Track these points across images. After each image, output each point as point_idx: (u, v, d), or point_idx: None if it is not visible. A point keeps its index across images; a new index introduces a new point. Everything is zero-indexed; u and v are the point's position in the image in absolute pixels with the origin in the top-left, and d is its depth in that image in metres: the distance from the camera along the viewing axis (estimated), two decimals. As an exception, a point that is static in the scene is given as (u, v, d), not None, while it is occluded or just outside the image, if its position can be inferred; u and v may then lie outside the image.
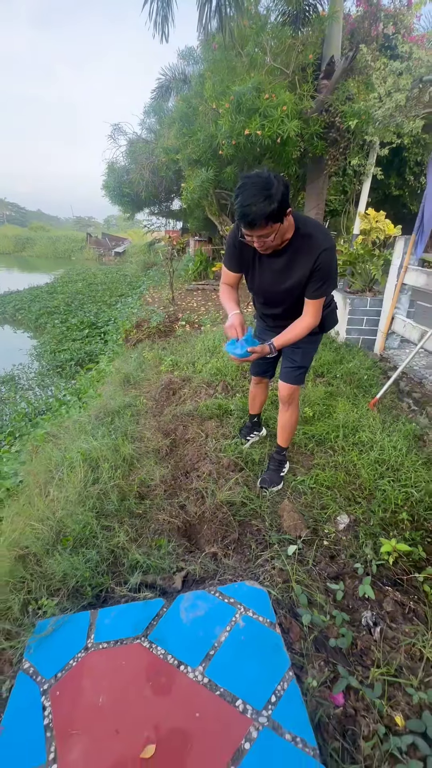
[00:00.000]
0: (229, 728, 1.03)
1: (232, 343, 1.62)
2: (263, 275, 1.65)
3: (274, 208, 1.26)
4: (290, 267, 1.54)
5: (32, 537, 1.72)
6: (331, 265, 1.50)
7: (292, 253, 1.51)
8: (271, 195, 1.24)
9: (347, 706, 1.15)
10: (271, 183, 1.25)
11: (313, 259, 1.47)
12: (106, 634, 1.31)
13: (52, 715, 1.09)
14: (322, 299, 1.59)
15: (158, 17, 5.68)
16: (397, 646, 1.32)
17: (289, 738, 1.01)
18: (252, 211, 1.26)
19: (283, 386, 1.94)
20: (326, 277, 1.51)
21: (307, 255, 1.48)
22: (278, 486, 2.09)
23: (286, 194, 1.29)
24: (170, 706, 1.09)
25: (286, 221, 1.37)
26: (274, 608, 1.40)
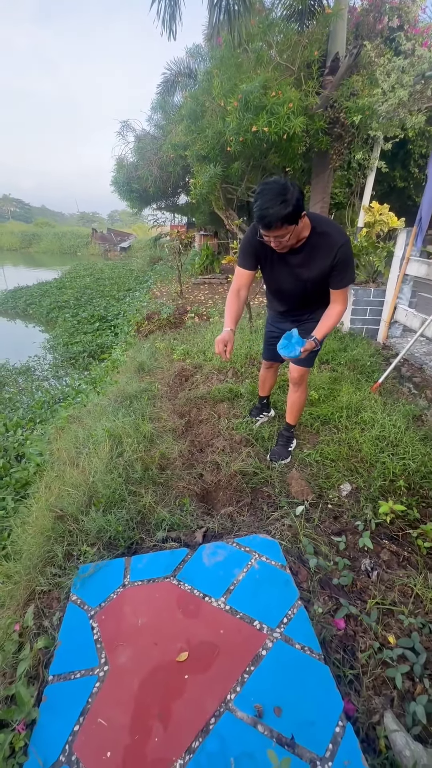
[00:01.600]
0: (248, 641, 1.24)
1: (284, 347, 1.76)
2: (281, 271, 1.78)
3: (289, 212, 1.41)
4: (308, 263, 1.68)
5: (68, 500, 1.94)
6: (350, 257, 1.65)
7: (310, 251, 1.65)
8: (286, 200, 1.40)
9: (348, 629, 1.35)
10: (287, 189, 1.40)
11: (332, 256, 1.62)
12: (140, 574, 1.53)
13: (100, 632, 1.31)
14: (347, 288, 1.75)
15: (166, 15, 5.81)
16: (392, 586, 1.52)
17: (299, 647, 1.22)
18: (269, 214, 1.41)
19: (294, 368, 2.09)
20: (347, 268, 1.66)
21: (325, 251, 1.63)
22: (286, 459, 2.29)
23: (301, 199, 1.45)
24: (198, 625, 1.31)
25: (300, 223, 1.51)
26: (284, 555, 1.61)
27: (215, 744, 0.99)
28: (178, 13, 5.71)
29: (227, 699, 1.09)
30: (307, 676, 1.14)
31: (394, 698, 1.16)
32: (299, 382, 2.15)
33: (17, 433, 3.82)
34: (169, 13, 5.71)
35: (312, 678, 1.13)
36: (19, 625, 1.43)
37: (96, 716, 1.07)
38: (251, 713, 1.05)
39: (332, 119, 4.58)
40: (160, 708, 1.08)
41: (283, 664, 1.17)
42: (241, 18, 3.94)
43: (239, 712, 1.06)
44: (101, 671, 1.19)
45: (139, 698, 1.11)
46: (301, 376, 2.11)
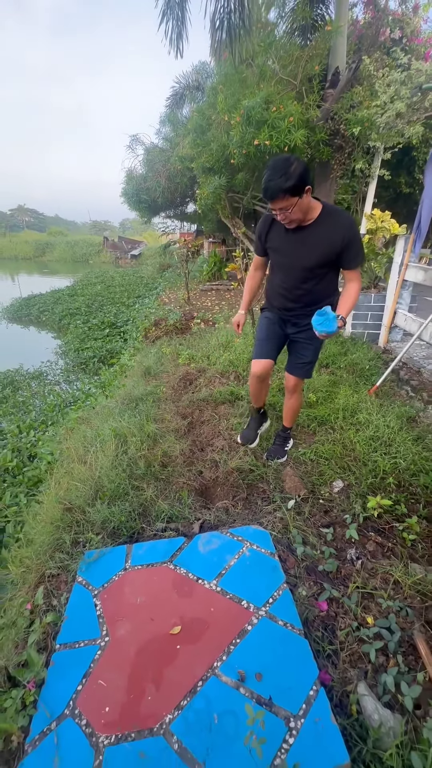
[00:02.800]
0: (236, 617, 1.36)
1: (321, 323, 1.68)
2: (292, 245, 1.81)
3: (291, 184, 1.50)
4: (318, 241, 1.73)
5: (76, 493, 2.09)
6: (359, 238, 1.73)
7: (320, 229, 1.72)
8: (288, 173, 1.50)
9: (330, 611, 1.46)
10: (290, 163, 1.51)
11: (342, 235, 1.68)
12: (140, 560, 1.66)
13: (102, 609, 1.45)
14: (359, 268, 1.82)
15: (173, 34, 6.06)
16: (375, 574, 1.62)
17: (282, 623, 1.34)
18: (271, 186, 1.53)
19: (290, 378, 2.15)
20: (359, 246, 1.74)
21: (335, 230, 1.69)
22: (283, 458, 2.39)
23: (304, 174, 1.53)
24: (191, 604, 1.43)
25: (305, 197, 1.58)
26: (274, 545, 1.72)
27: (201, 703, 1.12)
28: (184, 33, 5.96)
29: (214, 666, 1.21)
30: (288, 648, 1.25)
31: (368, 671, 1.26)
32: (294, 390, 2.22)
33: (30, 435, 4.01)
34: (177, 33, 5.96)
35: (292, 650, 1.25)
36: (30, 603, 1.57)
37: (97, 678, 1.21)
38: (235, 678, 1.17)
39: (333, 131, 4.72)
40: (154, 673, 1.21)
41: (266, 638, 1.29)
42: (241, 39, 4.13)
43: (224, 676, 1.18)
44: (102, 642, 1.33)
45: (135, 664, 1.24)
46: (295, 384, 2.18)
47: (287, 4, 5.43)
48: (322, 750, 0.99)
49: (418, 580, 1.55)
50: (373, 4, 7.17)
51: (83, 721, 1.10)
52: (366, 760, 1.04)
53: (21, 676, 1.20)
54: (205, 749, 1.01)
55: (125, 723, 1.09)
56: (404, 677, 1.21)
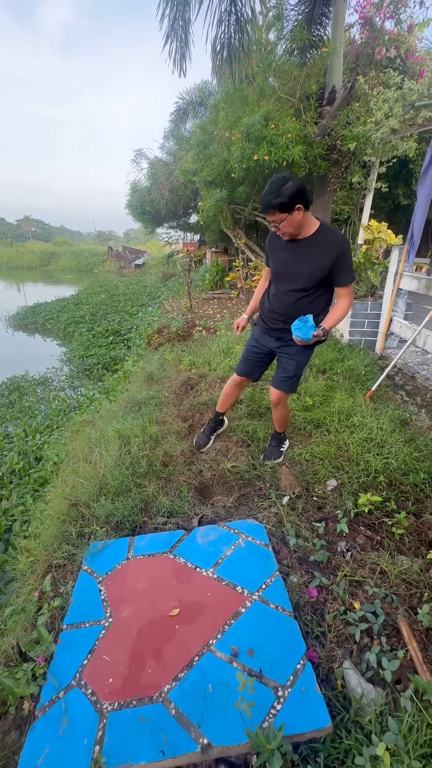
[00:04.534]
0: (231, 601, 1.46)
1: (299, 328, 1.84)
2: (286, 256, 1.94)
3: (280, 201, 1.66)
4: (312, 254, 1.86)
5: (81, 490, 2.20)
6: (350, 257, 1.85)
7: (315, 244, 1.84)
8: (280, 192, 1.65)
9: (319, 597, 1.55)
10: (284, 183, 1.66)
11: (335, 253, 1.80)
12: (142, 550, 1.76)
13: (106, 594, 1.55)
14: (351, 285, 1.92)
15: (177, 55, 6.32)
16: (363, 565, 1.71)
17: (273, 606, 1.43)
18: (264, 200, 1.71)
19: (274, 392, 2.20)
20: (348, 265, 1.86)
21: (328, 247, 1.81)
22: (278, 459, 2.48)
23: (296, 194, 1.66)
24: (189, 589, 1.53)
25: (295, 214, 1.71)
26: (269, 537, 1.82)
27: (197, 675, 1.21)
28: (188, 54, 6.22)
29: (209, 643, 1.31)
30: (278, 627, 1.35)
31: (353, 650, 1.35)
32: (277, 404, 2.27)
33: (36, 438, 4.14)
34: (180, 54, 6.22)
35: (282, 629, 1.34)
36: (38, 591, 1.68)
37: (101, 654, 1.31)
38: (228, 653, 1.27)
39: (330, 146, 4.91)
40: (154, 649, 1.31)
41: (259, 619, 1.39)
42: (241, 61, 4.35)
43: (218, 652, 1.28)
44: (106, 622, 1.43)
45: (136, 642, 1.34)
46: (278, 399, 2.22)
47: (286, 27, 5.67)
48: (307, 715, 1.09)
49: (404, 570, 1.65)
50: (369, 25, 7.45)
51: (89, 691, 1.20)
52: (348, 727, 1.13)
53: (32, 649, 1.30)
54: (200, 714, 1.11)
55: (127, 692, 1.18)
56: (386, 655, 1.30)
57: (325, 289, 1.98)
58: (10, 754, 1.12)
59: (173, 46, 6.18)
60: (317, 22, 6.10)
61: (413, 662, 1.29)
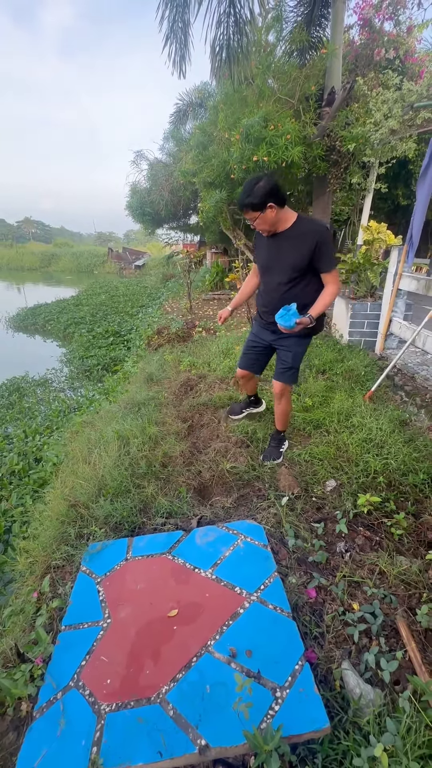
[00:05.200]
0: (229, 602, 1.46)
1: (282, 316, 1.94)
2: (269, 250, 2.04)
3: (251, 201, 1.79)
4: (291, 246, 1.94)
5: (80, 491, 2.20)
6: (329, 242, 1.92)
7: (293, 236, 1.92)
8: (252, 192, 1.78)
9: (318, 597, 1.55)
10: (255, 185, 1.78)
11: (313, 241, 1.87)
12: (140, 551, 1.76)
13: (105, 595, 1.55)
14: (336, 270, 1.97)
15: (176, 57, 6.34)
16: (362, 565, 1.71)
17: (272, 607, 1.43)
18: (239, 201, 1.87)
19: (276, 384, 2.27)
20: (329, 250, 1.92)
21: (307, 237, 1.89)
22: (278, 460, 2.47)
23: (268, 193, 1.77)
24: (188, 590, 1.53)
25: (268, 212, 1.82)
26: (267, 538, 1.82)
27: (195, 676, 1.21)
28: (187, 55, 6.24)
29: (208, 644, 1.31)
30: (277, 628, 1.35)
31: (351, 651, 1.35)
32: (280, 396, 2.32)
33: (36, 439, 4.14)
34: (180, 55, 6.24)
35: (280, 630, 1.34)
36: (37, 592, 1.68)
37: (99, 655, 1.30)
38: (227, 654, 1.27)
39: (329, 147, 4.92)
40: (152, 650, 1.31)
41: (257, 620, 1.38)
42: (240, 63, 4.36)
43: (217, 653, 1.28)
44: (105, 623, 1.42)
45: (135, 643, 1.34)
46: (281, 391, 2.28)
47: (285, 28, 5.68)
48: (305, 715, 1.08)
49: (403, 571, 1.64)
50: (368, 26, 7.47)
51: (87, 692, 1.20)
52: (346, 728, 1.12)
53: (30, 650, 1.30)
54: (197, 715, 1.11)
55: (125, 693, 1.18)
56: (385, 656, 1.30)
57: (311, 278, 2.02)
58: (8, 755, 1.12)
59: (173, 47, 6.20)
60: (316, 24, 6.11)
61: (412, 663, 1.29)
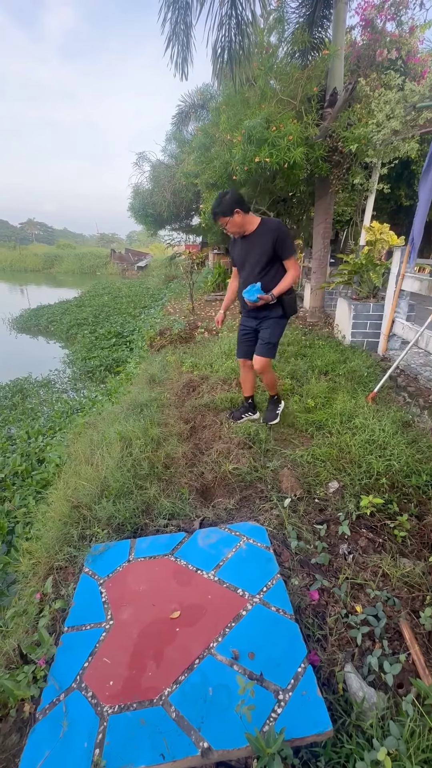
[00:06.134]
0: (231, 604, 1.46)
1: (247, 291, 2.43)
2: (243, 250, 2.51)
3: (219, 209, 2.31)
4: (258, 242, 2.42)
5: (83, 492, 2.21)
6: (286, 234, 2.39)
7: (259, 235, 2.41)
8: (221, 203, 2.30)
9: (321, 600, 1.55)
10: (221, 198, 2.31)
11: (273, 235, 2.36)
12: (143, 552, 1.76)
13: (107, 596, 1.55)
14: (293, 257, 2.46)
15: (178, 59, 6.35)
16: (365, 567, 1.70)
17: (274, 609, 1.43)
18: (211, 211, 2.40)
19: (256, 359, 2.62)
20: (285, 241, 2.39)
21: (268, 233, 2.38)
22: (275, 420, 2.84)
23: (233, 203, 2.28)
24: (190, 591, 1.53)
25: (235, 216, 2.30)
26: (270, 539, 1.82)
27: (198, 678, 1.21)
28: (189, 57, 6.25)
29: (210, 646, 1.31)
30: (279, 630, 1.34)
31: (354, 653, 1.34)
32: (262, 371, 2.64)
33: (38, 440, 4.16)
34: (182, 57, 6.25)
35: (283, 632, 1.34)
36: (40, 593, 1.68)
37: (102, 656, 1.30)
38: (229, 656, 1.27)
39: (331, 148, 4.91)
40: (155, 652, 1.30)
41: (260, 622, 1.38)
42: (242, 65, 4.36)
43: (219, 655, 1.27)
44: (107, 624, 1.43)
45: (137, 644, 1.34)
46: (261, 366, 2.61)
47: (287, 29, 5.68)
48: (308, 719, 1.08)
49: (407, 573, 1.64)
50: (370, 27, 7.47)
51: (89, 693, 1.20)
52: (349, 731, 1.12)
53: (33, 651, 1.31)
54: (200, 717, 1.10)
55: (127, 695, 1.18)
56: (388, 659, 1.29)
57: (279, 268, 2.49)
58: (11, 756, 1.12)
59: (175, 49, 6.21)
60: (318, 25, 6.10)
61: (415, 666, 1.28)
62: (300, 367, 3.98)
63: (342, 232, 10.22)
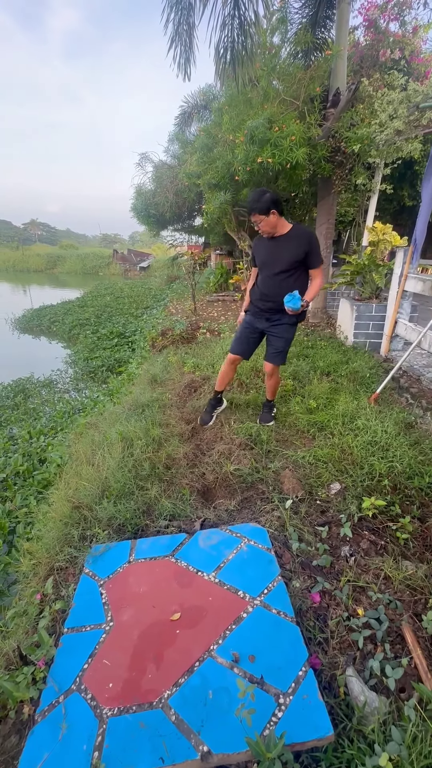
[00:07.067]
0: (232, 606, 1.45)
1: (289, 300, 2.40)
2: (271, 251, 2.52)
3: (258, 206, 2.30)
4: (288, 246, 2.45)
5: (84, 492, 2.20)
6: (317, 245, 2.47)
7: (290, 239, 2.45)
8: (260, 200, 2.29)
9: (322, 602, 1.54)
10: (261, 195, 2.30)
11: (305, 243, 2.42)
12: (143, 553, 1.76)
13: (108, 597, 1.54)
14: (321, 266, 2.52)
15: (181, 59, 6.36)
16: (367, 570, 1.69)
17: (275, 612, 1.42)
18: (249, 206, 2.39)
19: (268, 365, 2.71)
20: (318, 251, 2.47)
21: (301, 240, 2.43)
22: (271, 423, 2.90)
23: (270, 201, 2.28)
24: (191, 593, 1.52)
25: (271, 217, 2.33)
26: (271, 541, 1.81)
27: (198, 680, 1.20)
28: (192, 58, 6.25)
29: (210, 648, 1.30)
30: (280, 633, 1.33)
31: (356, 657, 1.33)
32: (272, 374, 2.77)
33: (40, 440, 4.16)
34: (185, 58, 6.26)
35: (284, 635, 1.33)
36: (40, 594, 1.68)
37: (102, 658, 1.30)
38: (229, 659, 1.26)
39: (334, 148, 4.90)
40: (155, 654, 1.30)
41: (260, 624, 1.37)
42: (244, 65, 4.36)
43: (220, 658, 1.27)
44: (107, 626, 1.42)
45: (137, 646, 1.33)
46: (272, 370, 2.73)
47: (290, 30, 5.68)
48: (309, 723, 1.07)
49: (409, 576, 1.62)
50: (373, 27, 7.46)
51: (89, 695, 1.19)
52: (350, 735, 1.11)
53: (32, 652, 1.30)
54: (200, 721, 1.10)
55: (127, 697, 1.17)
56: (390, 663, 1.28)
57: (302, 272, 2.53)
58: (9, 758, 1.11)
59: (178, 50, 6.21)
60: (321, 25, 6.10)
61: (417, 670, 1.27)
62: (302, 367, 3.97)
63: (344, 233, 10.20)
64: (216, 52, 4.49)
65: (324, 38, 6.09)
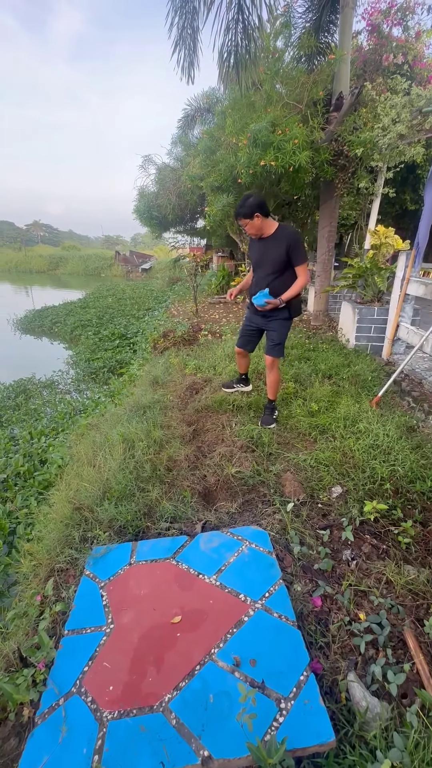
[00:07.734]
0: (233, 609, 1.44)
1: (257, 297, 2.62)
2: (260, 250, 2.68)
3: (243, 211, 2.48)
4: (274, 246, 2.59)
5: (85, 494, 2.20)
6: (299, 242, 2.56)
7: (276, 239, 2.59)
8: (245, 205, 2.47)
9: (323, 606, 1.53)
10: (246, 200, 2.48)
11: (287, 242, 2.54)
12: (144, 555, 1.75)
13: (108, 599, 1.54)
14: (304, 264, 2.61)
15: (185, 63, 6.40)
16: (369, 574, 1.68)
17: (276, 615, 1.41)
18: (234, 211, 2.61)
19: (267, 358, 2.85)
20: (299, 249, 2.57)
21: (284, 239, 2.56)
22: (272, 425, 2.90)
23: (255, 206, 2.45)
24: (192, 596, 1.52)
25: (255, 220, 2.49)
26: (272, 544, 1.80)
27: (198, 684, 1.19)
28: (196, 61, 6.29)
29: (211, 652, 1.29)
30: (281, 637, 1.33)
31: (357, 662, 1.32)
32: (271, 368, 2.86)
33: (41, 441, 4.16)
34: (188, 61, 6.29)
35: (285, 639, 1.32)
36: (40, 595, 1.67)
37: (102, 661, 1.29)
38: (230, 663, 1.25)
39: (337, 152, 4.92)
40: (155, 657, 1.29)
41: (262, 628, 1.36)
42: (248, 69, 4.38)
43: (220, 662, 1.26)
44: (108, 628, 1.41)
45: (137, 649, 1.32)
46: (271, 363, 2.84)
47: (293, 34, 5.70)
48: (310, 728, 1.06)
49: (411, 580, 1.62)
50: (377, 32, 7.48)
51: (89, 698, 1.18)
52: (352, 741, 1.10)
53: (32, 654, 1.30)
54: (200, 725, 1.09)
55: (127, 701, 1.17)
56: (392, 668, 1.27)
57: (290, 274, 2.65)
58: (9, 761, 1.11)
59: (182, 54, 6.25)
60: (325, 30, 6.14)
61: (420, 676, 1.26)
62: (304, 370, 3.96)
63: (346, 236, 10.21)
64: (220, 55, 4.51)
65: (327, 42, 6.12)
